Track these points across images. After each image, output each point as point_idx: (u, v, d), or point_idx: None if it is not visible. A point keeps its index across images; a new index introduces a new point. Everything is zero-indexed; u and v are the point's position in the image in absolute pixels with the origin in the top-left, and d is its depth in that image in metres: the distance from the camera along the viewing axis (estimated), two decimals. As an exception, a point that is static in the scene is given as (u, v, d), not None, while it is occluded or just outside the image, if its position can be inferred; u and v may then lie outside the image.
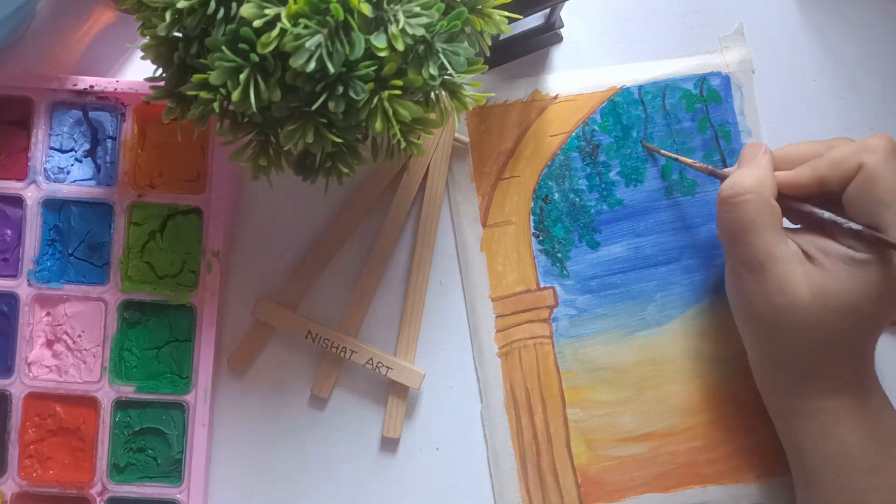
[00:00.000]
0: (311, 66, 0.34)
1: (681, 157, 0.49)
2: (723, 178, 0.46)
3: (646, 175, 0.51)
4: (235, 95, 0.35)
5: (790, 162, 0.44)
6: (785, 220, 0.44)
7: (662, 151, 0.49)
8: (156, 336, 0.48)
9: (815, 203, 0.43)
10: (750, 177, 0.43)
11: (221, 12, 0.36)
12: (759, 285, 0.42)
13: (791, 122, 0.51)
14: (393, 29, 0.35)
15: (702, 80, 0.51)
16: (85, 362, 0.48)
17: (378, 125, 0.36)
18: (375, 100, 0.36)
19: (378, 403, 0.49)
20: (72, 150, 0.49)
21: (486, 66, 0.40)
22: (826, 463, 0.43)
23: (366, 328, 0.50)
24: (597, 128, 0.51)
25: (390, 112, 0.36)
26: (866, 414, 0.43)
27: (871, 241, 0.40)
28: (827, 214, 0.42)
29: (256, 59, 0.35)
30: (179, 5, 0.35)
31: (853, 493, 0.42)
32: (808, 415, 0.43)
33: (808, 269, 0.41)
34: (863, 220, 0.41)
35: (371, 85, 0.36)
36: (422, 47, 0.37)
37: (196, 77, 0.36)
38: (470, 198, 0.50)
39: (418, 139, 0.39)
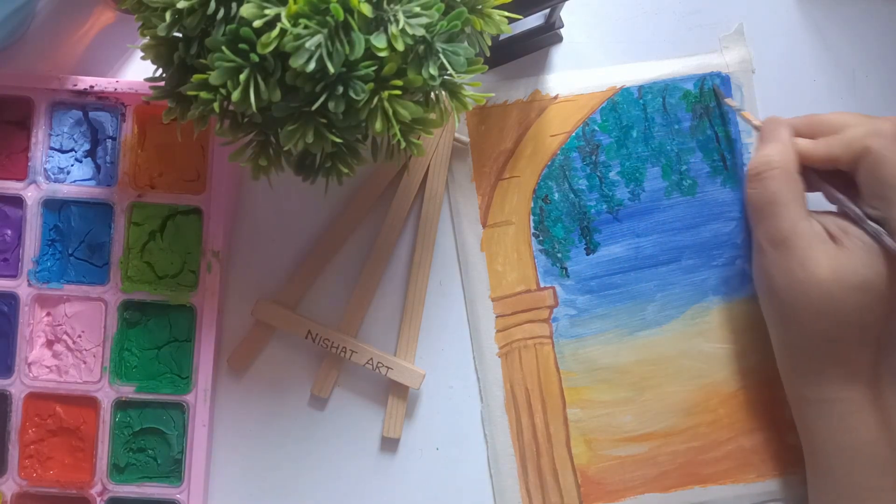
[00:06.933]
0: (311, 66, 0.34)
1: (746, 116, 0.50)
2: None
3: (646, 175, 0.51)
4: (235, 95, 0.35)
5: (813, 129, 0.46)
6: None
7: (728, 100, 0.50)
8: (156, 336, 0.48)
9: (837, 185, 0.45)
10: (776, 152, 0.45)
11: (221, 12, 0.36)
12: (781, 260, 0.44)
13: (791, 122, 0.51)
14: (393, 29, 0.35)
15: (702, 80, 0.51)
16: (85, 362, 0.48)
17: (378, 125, 0.36)
18: (375, 100, 0.36)
19: (378, 403, 0.49)
20: (72, 150, 0.49)
21: (486, 66, 0.40)
22: (839, 452, 0.43)
23: (366, 328, 0.50)
24: (597, 128, 0.51)
25: (390, 112, 0.36)
26: (881, 408, 0.43)
27: (873, 235, 0.43)
28: (842, 198, 0.44)
29: (256, 59, 0.35)
30: (179, 5, 0.35)
31: (865, 490, 0.43)
32: (825, 403, 0.44)
33: (829, 248, 0.43)
34: (873, 200, 0.43)
35: (371, 85, 0.36)
36: (422, 47, 0.37)
37: (196, 77, 0.36)
38: (470, 198, 0.50)
39: (418, 139, 0.39)
